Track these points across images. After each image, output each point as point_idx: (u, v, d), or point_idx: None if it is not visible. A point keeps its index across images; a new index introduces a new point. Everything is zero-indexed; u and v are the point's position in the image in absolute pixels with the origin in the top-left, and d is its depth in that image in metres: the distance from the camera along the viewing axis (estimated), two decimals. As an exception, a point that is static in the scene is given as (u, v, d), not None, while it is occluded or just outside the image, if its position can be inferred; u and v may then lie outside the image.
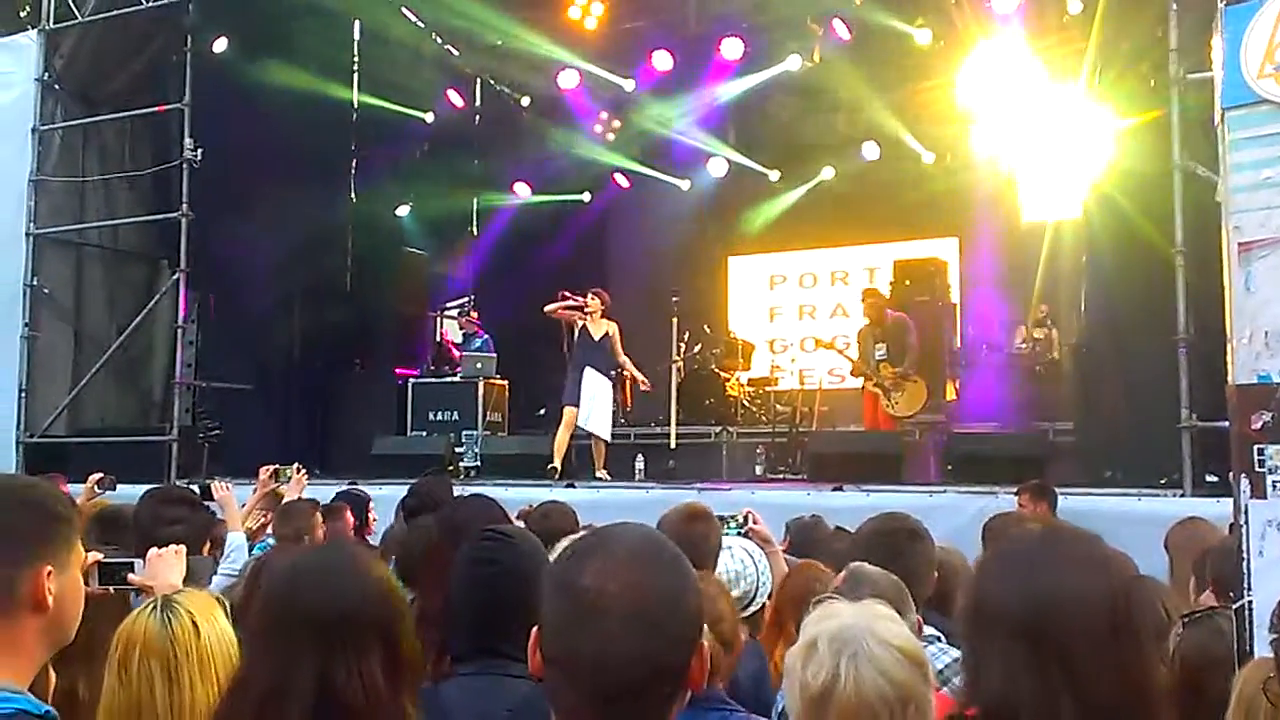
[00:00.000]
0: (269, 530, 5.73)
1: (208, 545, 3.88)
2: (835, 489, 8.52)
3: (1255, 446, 2.43)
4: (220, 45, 11.60)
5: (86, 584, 1.94)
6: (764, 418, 13.21)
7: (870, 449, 9.95)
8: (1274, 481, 2.40)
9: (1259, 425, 2.42)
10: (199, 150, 11.16)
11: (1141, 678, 1.73)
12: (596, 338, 10.60)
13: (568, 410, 10.43)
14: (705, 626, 1.58)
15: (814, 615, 1.96)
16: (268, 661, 1.91)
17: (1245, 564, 2.43)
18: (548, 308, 10.90)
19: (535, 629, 1.54)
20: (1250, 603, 2.41)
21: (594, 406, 10.42)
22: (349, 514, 5.60)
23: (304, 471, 6.26)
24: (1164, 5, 8.14)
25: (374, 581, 2.02)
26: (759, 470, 11.33)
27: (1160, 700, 1.77)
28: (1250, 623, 2.41)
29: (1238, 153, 2.53)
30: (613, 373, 10.78)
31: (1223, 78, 2.56)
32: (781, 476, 11.11)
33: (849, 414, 12.37)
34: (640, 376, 11.14)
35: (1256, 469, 2.42)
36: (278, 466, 6.17)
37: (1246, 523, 2.43)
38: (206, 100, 11.35)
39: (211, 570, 3.59)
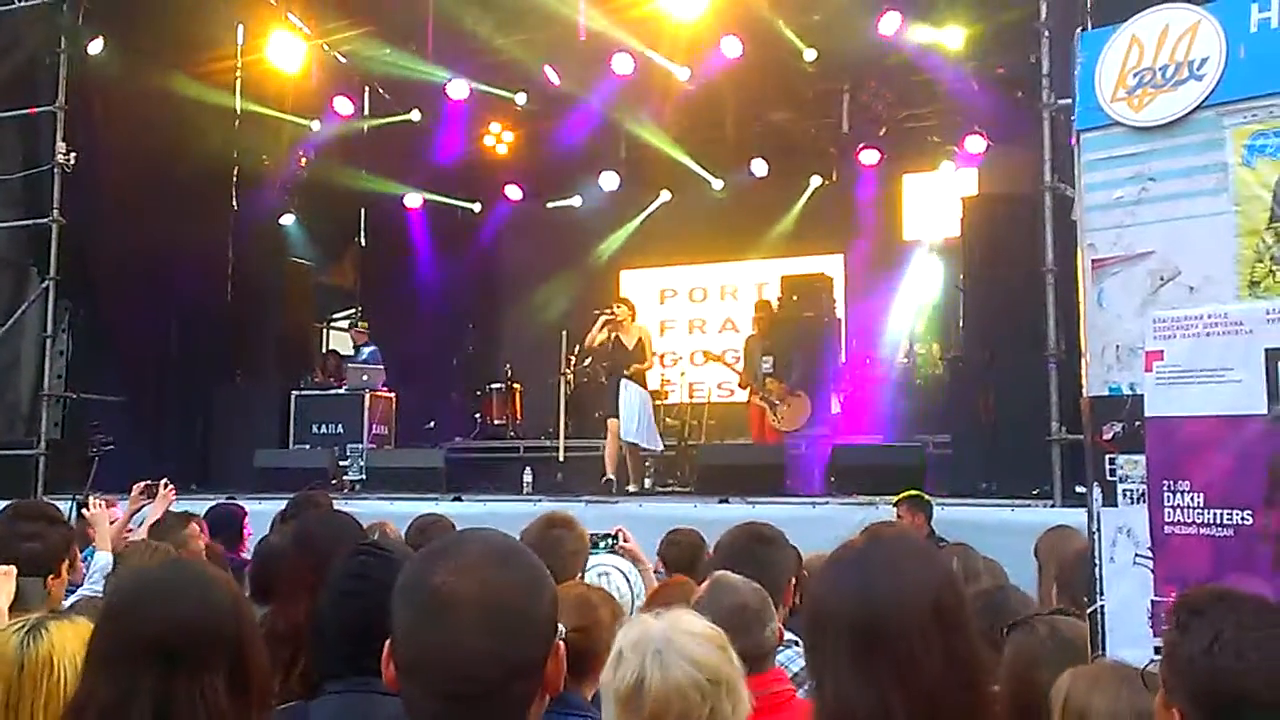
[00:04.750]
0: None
1: (66, 563, 3.72)
2: (721, 501, 8.62)
3: (1107, 456, 2.52)
4: (96, 47, 11.23)
5: None
6: (653, 431, 13.25)
7: (756, 461, 10.08)
8: (1124, 490, 2.49)
9: (1110, 436, 2.51)
10: (72, 154, 10.79)
11: (969, 666, 1.79)
12: (630, 346, 10.45)
13: (611, 422, 10.33)
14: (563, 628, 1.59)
15: (620, 633, 2.05)
16: (104, 684, 1.83)
17: (1098, 570, 2.51)
18: (590, 342, 10.73)
19: (388, 641, 1.51)
20: (1102, 607, 2.49)
21: (631, 416, 10.26)
22: (196, 525, 5.48)
23: (171, 488, 6.11)
24: (1037, 32, 8.43)
25: (218, 599, 1.95)
26: (647, 483, 11.36)
27: (989, 688, 1.83)
28: (1103, 626, 2.49)
29: (1091, 173, 2.62)
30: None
31: (1078, 101, 2.66)
32: (670, 489, 11.17)
33: (737, 427, 12.52)
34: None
35: (1108, 478, 2.51)
36: (149, 483, 6.02)
37: (1099, 530, 2.52)
38: (81, 103, 10.99)
39: (44, 593, 3.43)
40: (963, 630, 1.81)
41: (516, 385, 14.13)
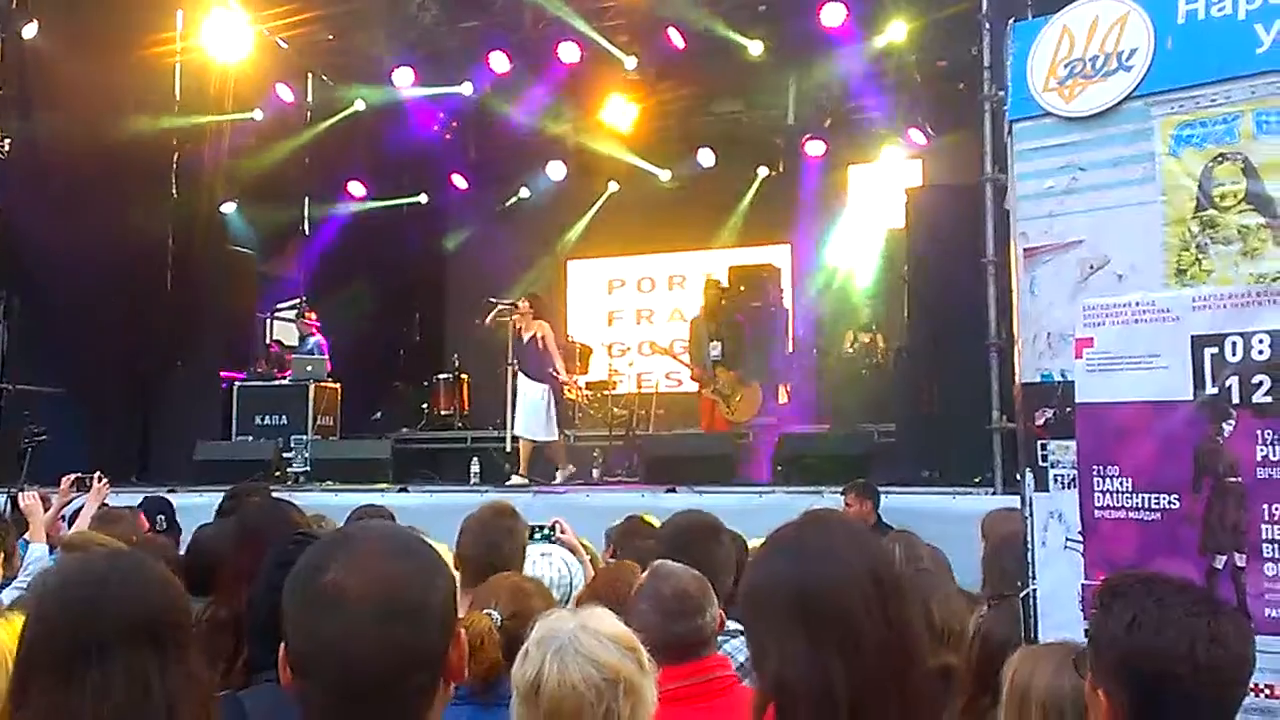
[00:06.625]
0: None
1: (2, 557, 3.66)
2: (669, 490, 8.63)
3: (1039, 442, 2.56)
4: (31, 31, 10.98)
5: None
6: (601, 421, 13.26)
7: (704, 451, 10.11)
8: (1055, 475, 2.53)
9: (1042, 422, 2.55)
10: (6, 140, 10.56)
11: (907, 638, 1.81)
12: (525, 340, 10.64)
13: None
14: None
15: (534, 628, 2.07)
16: (44, 678, 1.79)
17: (1030, 554, 2.55)
18: (485, 321, 11.02)
19: (282, 643, 1.47)
20: (1034, 591, 2.53)
21: (520, 411, 10.50)
22: (143, 518, 5.42)
23: (105, 480, 6.03)
24: (978, 25, 8.50)
25: (171, 583, 1.96)
26: (595, 473, 11.37)
27: (925, 662, 1.86)
28: (1035, 610, 2.53)
29: (1023, 163, 2.66)
30: (550, 372, 10.70)
31: (1011, 91, 2.69)
32: (617, 479, 11.17)
33: (685, 417, 12.55)
34: (566, 379, 11.13)
35: (1040, 463, 2.55)
36: (80, 476, 5.93)
37: (1031, 515, 2.56)
38: (16, 88, 10.75)
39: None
40: (901, 602, 1.83)
41: (464, 375, 14.06)
